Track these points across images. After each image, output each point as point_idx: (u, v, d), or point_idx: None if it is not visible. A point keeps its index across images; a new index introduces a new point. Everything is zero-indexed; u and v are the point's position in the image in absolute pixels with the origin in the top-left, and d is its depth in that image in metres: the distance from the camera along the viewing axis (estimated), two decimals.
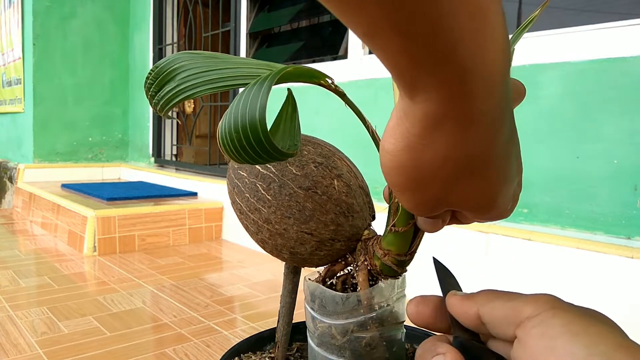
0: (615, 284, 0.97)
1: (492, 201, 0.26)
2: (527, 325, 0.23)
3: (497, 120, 0.21)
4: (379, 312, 0.34)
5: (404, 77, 0.20)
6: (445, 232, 1.30)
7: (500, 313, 0.25)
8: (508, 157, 0.24)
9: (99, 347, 1.01)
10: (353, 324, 0.34)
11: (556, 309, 0.23)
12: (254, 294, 1.38)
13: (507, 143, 0.23)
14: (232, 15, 2.23)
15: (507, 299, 0.25)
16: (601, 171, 1.09)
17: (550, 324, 0.22)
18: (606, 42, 1.08)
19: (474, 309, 0.27)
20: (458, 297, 0.28)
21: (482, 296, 0.27)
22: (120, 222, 1.84)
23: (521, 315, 0.24)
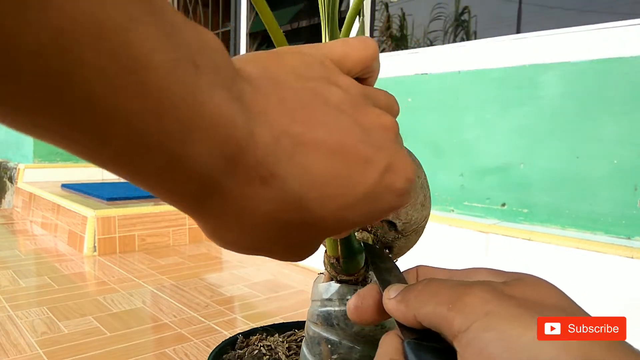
0: (615, 284, 0.97)
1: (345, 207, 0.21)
2: (462, 341, 0.21)
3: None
4: (323, 310, 0.34)
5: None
6: (445, 232, 1.30)
7: (433, 321, 0.23)
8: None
9: (99, 347, 1.01)
10: (313, 314, 0.35)
11: (486, 316, 0.20)
12: (254, 294, 1.38)
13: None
14: (232, 15, 2.23)
15: (437, 303, 0.23)
16: (601, 171, 1.09)
17: (484, 340, 0.20)
18: (606, 42, 1.08)
19: (410, 314, 0.24)
20: (393, 302, 0.25)
21: (413, 298, 0.24)
22: (120, 222, 1.84)
23: (452, 328, 0.21)
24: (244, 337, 0.45)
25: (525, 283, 0.23)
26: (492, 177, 1.28)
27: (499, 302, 0.21)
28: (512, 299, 0.21)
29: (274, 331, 0.46)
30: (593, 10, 1.15)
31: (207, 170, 0.16)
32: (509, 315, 0.20)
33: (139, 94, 0.14)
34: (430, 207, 0.38)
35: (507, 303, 0.21)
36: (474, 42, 1.34)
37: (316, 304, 0.36)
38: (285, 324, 0.47)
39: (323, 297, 0.35)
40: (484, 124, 1.30)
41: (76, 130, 0.14)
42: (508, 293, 0.22)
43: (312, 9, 1.99)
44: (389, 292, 0.26)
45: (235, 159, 0.17)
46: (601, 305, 0.99)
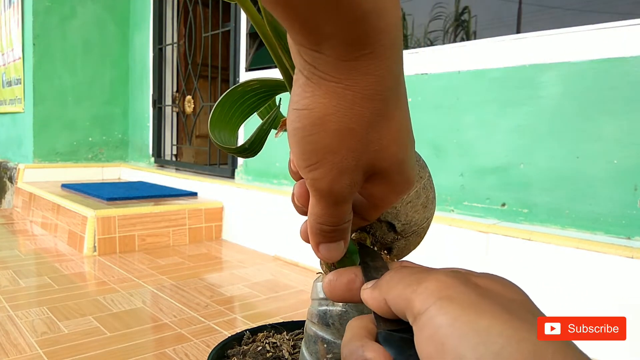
0: (615, 284, 0.97)
1: (406, 151, 0.26)
2: (418, 323, 0.21)
3: (398, 52, 0.23)
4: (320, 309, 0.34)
5: (308, 27, 0.21)
6: (445, 232, 1.30)
7: (399, 304, 0.23)
8: (405, 98, 0.25)
9: (99, 347, 1.01)
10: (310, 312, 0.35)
11: (442, 300, 0.20)
12: (254, 294, 1.38)
13: (402, 79, 0.24)
14: (232, 15, 2.23)
15: (404, 286, 0.23)
16: (601, 171, 1.09)
17: (437, 323, 0.20)
18: (606, 42, 1.08)
19: (381, 298, 0.24)
20: (368, 290, 0.26)
21: (384, 283, 0.25)
22: (120, 222, 1.84)
23: (413, 310, 0.22)
24: (251, 334, 0.45)
25: (492, 277, 0.24)
26: (492, 177, 1.28)
27: (458, 288, 0.21)
28: (474, 288, 0.21)
29: (282, 329, 0.46)
30: (593, 10, 1.15)
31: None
32: (466, 301, 0.20)
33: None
34: (435, 208, 0.38)
35: (466, 290, 0.21)
36: (474, 42, 1.34)
37: (314, 303, 0.36)
38: (294, 322, 0.47)
39: (319, 296, 0.36)
40: (483, 124, 1.30)
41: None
42: (472, 281, 0.22)
43: None
44: (367, 284, 0.27)
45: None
46: (601, 305, 0.99)
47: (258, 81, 0.36)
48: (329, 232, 0.27)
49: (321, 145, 0.23)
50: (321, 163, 0.24)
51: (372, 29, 0.21)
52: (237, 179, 2.21)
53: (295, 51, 0.23)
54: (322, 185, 0.24)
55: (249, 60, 2.17)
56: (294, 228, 1.71)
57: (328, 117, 0.23)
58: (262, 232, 1.89)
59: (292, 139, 0.24)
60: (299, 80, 0.23)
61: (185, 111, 2.83)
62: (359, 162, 0.24)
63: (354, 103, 0.22)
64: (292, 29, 0.22)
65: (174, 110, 2.95)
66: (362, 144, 0.24)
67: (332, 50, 0.21)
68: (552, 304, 1.06)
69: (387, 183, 0.27)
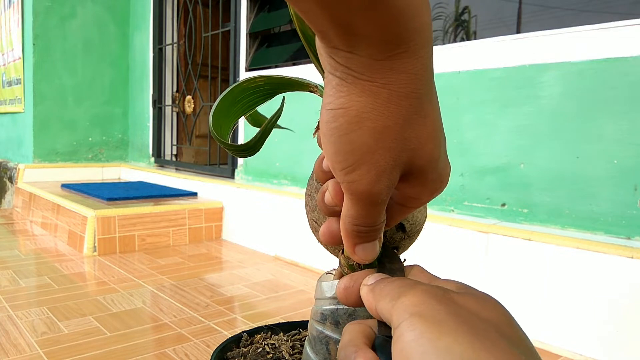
0: (615, 284, 0.97)
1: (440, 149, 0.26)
2: (394, 337, 0.21)
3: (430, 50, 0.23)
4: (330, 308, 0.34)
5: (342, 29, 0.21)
6: (445, 232, 1.30)
7: (384, 315, 0.23)
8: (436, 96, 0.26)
9: (99, 347, 1.01)
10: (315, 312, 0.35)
11: (413, 317, 0.21)
12: (254, 294, 1.38)
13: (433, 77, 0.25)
14: (232, 15, 2.23)
15: (389, 299, 0.23)
16: (601, 171, 1.09)
17: (406, 338, 0.20)
18: (606, 42, 1.08)
19: (373, 304, 0.25)
20: (366, 289, 0.26)
21: (378, 290, 0.25)
22: (120, 222, 1.84)
23: (393, 323, 0.22)
24: (249, 335, 0.45)
25: (473, 295, 0.24)
26: (492, 177, 1.28)
27: (430, 305, 0.21)
28: (447, 305, 0.22)
29: (279, 330, 0.46)
30: (593, 10, 1.15)
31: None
32: (433, 319, 0.21)
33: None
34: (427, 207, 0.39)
35: (438, 307, 0.21)
36: (474, 42, 1.34)
37: (320, 302, 0.36)
38: (290, 323, 0.47)
39: (327, 295, 0.36)
40: (483, 124, 1.30)
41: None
42: (450, 298, 0.23)
43: None
44: (369, 278, 0.27)
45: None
46: (601, 305, 0.99)
47: (264, 78, 0.36)
48: (366, 232, 0.27)
49: (358, 144, 0.23)
50: (358, 164, 0.24)
51: (406, 28, 0.21)
52: (237, 179, 2.21)
53: (326, 54, 0.23)
54: (360, 187, 0.24)
55: (249, 60, 2.17)
56: (294, 228, 1.71)
57: (365, 114, 0.23)
58: (262, 232, 1.89)
59: (328, 140, 0.24)
60: (332, 82, 0.23)
61: (185, 111, 2.83)
62: (396, 162, 0.24)
63: (390, 101, 0.23)
64: (325, 32, 0.22)
65: (174, 110, 2.95)
66: (399, 143, 0.24)
67: (366, 51, 0.22)
68: (552, 304, 1.06)
69: (422, 182, 0.27)
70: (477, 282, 1.17)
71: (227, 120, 0.36)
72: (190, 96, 2.79)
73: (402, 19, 0.21)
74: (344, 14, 0.20)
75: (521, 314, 1.10)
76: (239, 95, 0.36)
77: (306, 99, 1.76)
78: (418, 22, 0.22)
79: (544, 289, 1.07)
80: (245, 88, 0.36)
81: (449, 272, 1.23)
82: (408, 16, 0.21)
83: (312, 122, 1.67)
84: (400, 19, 0.21)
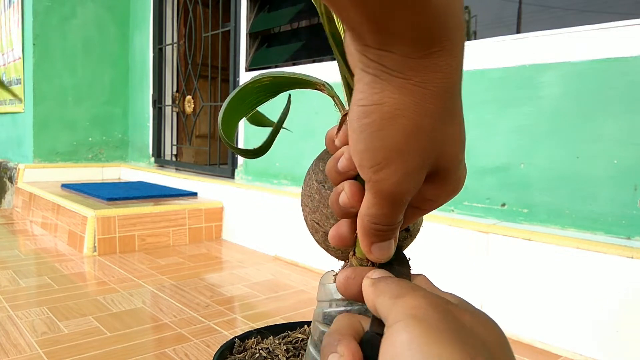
0: (615, 284, 0.97)
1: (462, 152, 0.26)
2: (386, 334, 0.21)
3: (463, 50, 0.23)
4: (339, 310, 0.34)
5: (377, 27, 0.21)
6: (445, 232, 1.30)
7: (381, 311, 0.23)
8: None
9: (99, 347, 1.01)
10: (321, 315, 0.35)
11: (411, 319, 0.21)
12: (254, 294, 1.38)
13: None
14: (232, 15, 2.23)
15: (390, 296, 0.23)
16: (601, 171, 1.09)
17: (398, 338, 0.20)
18: (606, 42, 1.08)
19: (372, 298, 0.25)
20: (368, 282, 0.26)
21: (381, 286, 0.25)
22: (120, 222, 1.84)
23: (389, 320, 0.22)
24: (240, 341, 0.45)
25: (471, 312, 0.24)
26: (492, 177, 1.28)
27: (430, 312, 0.21)
28: (446, 315, 0.22)
29: (268, 333, 0.46)
30: (593, 10, 1.15)
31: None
32: (430, 326, 0.21)
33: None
34: None
35: (437, 315, 0.21)
36: (474, 42, 1.34)
37: (324, 304, 0.36)
38: (277, 325, 0.47)
39: (334, 297, 0.35)
40: (483, 124, 1.30)
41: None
42: (450, 310, 0.22)
43: (312, 9, 1.99)
44: (374, 272, 0.27)
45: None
46: (601, 305, 0.99)
47: (270, 77, 0.35)
48: (384, 231, 0.27)
49: (389, 142, 0.23)
50: (388, 162, 0.23)
51: (442, 28, 0.21)
52: (237, 179, 2.21)
53: (358, 52, 0.23)
54: (387, 186, 0.24)
55: (249, 60, 2.17)
56: (294, 228, 1.71)
57: (398, 112, 0.22)
58: (262, 232, 1.89)
59: (358, 136, 0.24)
60: (364, 79, 0.23)
61: (185, 111, 2.83)
62: (425, 162, 0.24)
63: (424, 100, 0.23)
64: (357, 29, 0.22)
65: (174, 110, 2.95)
66: (428, 143, 0.24)
67: (400, 49, 0.21)
68: (552, 304, 1.06)
69: (443, 184, 0.27)
70: (477, 282, 1.17)
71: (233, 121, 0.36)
72: (190, 96, 2.79)
73: (440, 18, 0.21)
74: (380, 13, 0.20)
75: (521, 314, 1.10)
76: (245, 95, 0.36)
77: (306, 99, 1.76)
78: (454, 20, 0.22)
79: (544, 289, 1.07)
80: (251, 88, 0.36)
81: (449, 272, 1.23)
82: (446, 15, 0.21)
83: (311, 123, 1.67)
84: (438, 17, 0.21)
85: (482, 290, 1.17)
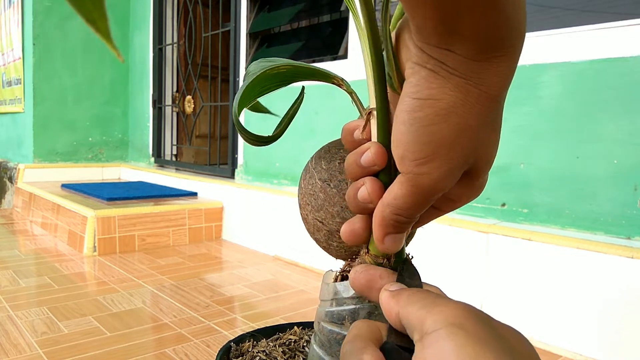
0: (615, 284, 0.97)
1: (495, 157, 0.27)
2: (425, 342, 0.21)
3: (519, 57, 0.24)
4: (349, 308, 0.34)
5: (446, 28, 0.21)
6: (445, 232, 1.30)
7: (411, 321, 0.23)
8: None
9: (99, 347, 1.01)
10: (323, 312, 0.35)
11: (454, 327, 0.21)
12: (254, 294, 1.38)
13: None
14: (232, 15, 2.23)
15: (421, 306, 0.23)
16: (601, 171, 1.09)
17: (443, 346, 0.20)
18: (606, 42, 1.08)
19: (395, 309, 0.25)
20: (388, 294, 0.26)
21: (405, 297, 0.25)
22: (120, 222, 1.84)
23: (423, 328, 0.22)
24: (236, 344, 0.45)
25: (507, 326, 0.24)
26: (492, 177, 1.28)
27: (472, 320, 0.21)
28: (487, 324, 0.22)
29: (261, 336, 0.47)
30: (593, 10, 1.15)
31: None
32: (476, 335, 0.20)
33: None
34: None
35: (479, 325, 0.21)
36: None
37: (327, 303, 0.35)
38: (268, 328, 0.47)
39: (343, 295, 0.35)
40: None
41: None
42: (488, 320, 0.23)
43: (312, 9, 1.99)
44: (391, 285, 0.27)
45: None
46: (601, 305, 0.99)
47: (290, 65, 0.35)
48: (403, 223, 0.27)
49: (439, 137, 0.23)
50: (433, 157, 0.24)
51: (508, 35, 0.22)
52: (237, 179, 2.21)
53: (416, 47, 0.23)
54: (427, 180, 0.24)
55: (249, 61, 2.17)
56: (294, 228, 1.71)
57: (453, 109, 0.23)
58: (262, 232, 1.89)
59: (408, 128, 0.24)
60: (420, 72, 0.23)
61: (185, 111, 2.83)
62: (466, 161, 0.25)
63: (479, 101, 0.23)
64: (423, 28, 0.22)
65: (174, 110, 2.95)
66: (473, 143, 0.24)
67: (464, 50, 0.22)
68: (552, 304, 1.06)
69: (470, 186, 0.27)
70: (477, 282, 1.17)
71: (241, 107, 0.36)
72: (190, 96, 2.79)
73: (507, 25, 0.21)
74: (453, 15, 0.21)
75: (521, 314, 1.10)
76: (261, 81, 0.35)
77: (305, 99, 1.75)
78: (519, 28, 0.22)
79: (544, 289, 1.07)
80: (269, 75, 0.35)
81: (449, 272, 1.23)
82: (512, 22, 0.22)
83: (311, 122, 1.67)
84: (506, 24, 0.21)
85: (482, 291, 1.17)
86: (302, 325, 0.47)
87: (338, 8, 1.87)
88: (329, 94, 1.69)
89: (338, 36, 1.88)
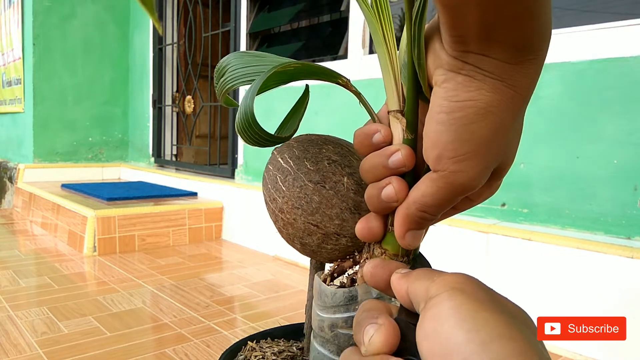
0: (615, 284, 0.97)
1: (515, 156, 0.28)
2: (427, 306, 0.23)
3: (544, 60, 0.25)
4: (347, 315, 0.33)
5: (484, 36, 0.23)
6: (445, 232, 1.30)
7: (417, 292, 0.25)
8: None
9: (99, 347, 1.01)
10: (339, 319, 0.34)
11: (455, 290, 0.22)
12: (254, 294, 1.38)
13: None
14: (232, 15, 2.23)
15: (427, 278, 0.25)
16: (601, 171, 1.09)
17: (443, 306, 0.22)
18: (606, 42, 1.08)
19: (404, 287, 0.26)
20: (398, 275, 0.27)
21: (414, 274, 0.26)
22: (120, 222, 1.84)
23: (427, 295, 0.23)
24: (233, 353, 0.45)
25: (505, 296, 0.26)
26: None
27: (472, 286, 0.23)
28: (486, 289, 0.23)
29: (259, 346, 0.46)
30: (593, 10, 1.15)
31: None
32: (474, 295, 0.22)
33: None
34: None
35: (478, 289, 0.23)
36: None
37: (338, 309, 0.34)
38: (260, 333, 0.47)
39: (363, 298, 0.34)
40: None
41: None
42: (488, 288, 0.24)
43: (312, 9, 1.99)
44: (400, 270, 0.28)
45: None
46: (601, 305, 0.99)
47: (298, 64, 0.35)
48: (426, 220, 0.28)
49: (478, 135, 0.24)
50: (470, 155, 0.25)
51: (539, 39, 0.23)
52: (237, 179, 2.21)
53: (451, 57, 0.24)
54: (463, 178, 0.25)
55: None
56: None
57: (491, 109, 0.24)
58: (262, 232, 1.89)
59: (448, 128, 0.25)
60: (456, 79, 0.24)
61: (185, 111, 2.83)
62: (496, 160, 0.26)
63: (512, 101, 0.24)
64: (464, 36, 0.23)
65: (174, 110, 2.95)
66: (506, 142, 0.26)
67: (501, 55, 0.23)
68: (552, 303, 1.06)
69: (490, 185, 0.29)
70: None
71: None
72: (190, 96, 2.79)
73: (539, 30, 0.23)
74: (494, 23, 0.22)
75: None
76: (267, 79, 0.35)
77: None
78: (547, 32, 0.24)
79: (544, 289, 1.07)
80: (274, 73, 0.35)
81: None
82: (545, 27, 0.23)
83: (311, 123, 1.67)
84: (538, 29, 0.23)
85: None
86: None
87: (338, 8, 1.87)
88: (329, 94, 1.69)
89: (338, 36, 1.88)
